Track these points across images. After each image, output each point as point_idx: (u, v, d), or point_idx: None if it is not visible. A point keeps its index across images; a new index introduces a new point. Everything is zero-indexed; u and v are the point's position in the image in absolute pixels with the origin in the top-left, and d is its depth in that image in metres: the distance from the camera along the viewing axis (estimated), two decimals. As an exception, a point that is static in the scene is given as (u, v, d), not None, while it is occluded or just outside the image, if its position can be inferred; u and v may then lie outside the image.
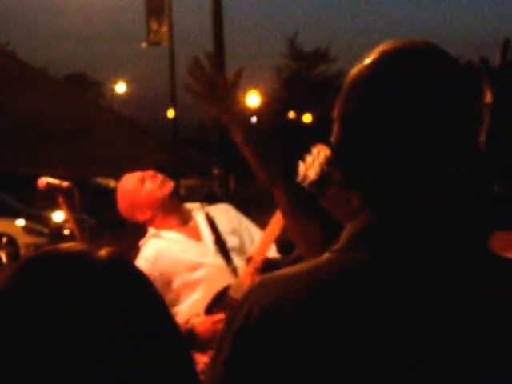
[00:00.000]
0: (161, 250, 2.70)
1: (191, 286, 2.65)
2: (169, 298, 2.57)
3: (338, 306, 0.89)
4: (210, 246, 2.73)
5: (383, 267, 0.90)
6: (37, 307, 0.75)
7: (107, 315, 0.76)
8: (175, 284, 2.65)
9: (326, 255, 0.95)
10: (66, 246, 0.82)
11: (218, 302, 2.55)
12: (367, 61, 0.97)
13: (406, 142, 0.92)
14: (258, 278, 0.98)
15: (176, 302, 2.63)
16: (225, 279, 2.62)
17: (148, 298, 0.81)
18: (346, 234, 0.96)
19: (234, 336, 0.93)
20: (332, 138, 0.99)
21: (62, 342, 0.74)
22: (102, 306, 0.76)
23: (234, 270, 2.68)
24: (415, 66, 0.94)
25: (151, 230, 2.79)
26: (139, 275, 0.83)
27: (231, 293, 2.56)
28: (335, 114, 0.99)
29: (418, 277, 0.90)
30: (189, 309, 2.61)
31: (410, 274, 0.90)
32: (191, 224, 2.80)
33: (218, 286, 2.58)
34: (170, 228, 2.76)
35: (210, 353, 2.35)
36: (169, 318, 0.83)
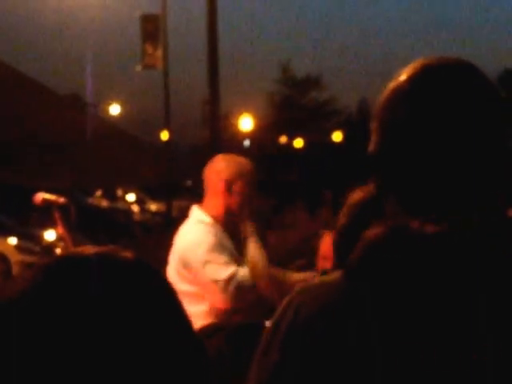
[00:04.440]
0: (221, 243, 2.73)
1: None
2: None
3: (378, 310, 0.92)
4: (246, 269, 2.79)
5: (424, 269, 0.92)
6: (62, 306, 0.75)
7: (131, 313, 0.76)
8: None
9: None
10: (90, 247, 0.82)
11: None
12: (407, 74, 1.01)
13: (444, 150, 0.96)
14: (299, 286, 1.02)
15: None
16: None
17: (171, 301, 0.82)
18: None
19: (283, 337, 0.95)
20: (370, 147, 1.03)
21: (83, 341, 0.74)
22: (127, 306, 0.77)
23: None
24: (455, 79, 0.99)
25: (204, 215, 2.79)
26: (162, 277, 0.83)
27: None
28: (373, 124, 1.03)
29: (460, 282, 0.92)
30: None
31: (452, 278, 0.92)
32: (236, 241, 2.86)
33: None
34: (221, 223, 2.79)
35: None
36: (187, 323, 0.83)
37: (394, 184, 0.99)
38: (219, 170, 2.79)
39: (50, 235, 11.82)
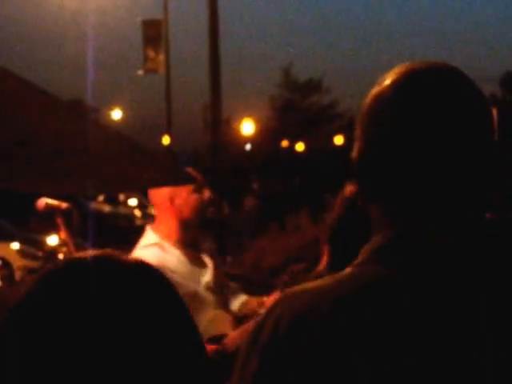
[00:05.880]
0: (164, 266, 2.63)
1: None
2: None
3: (362, 319, 0.90)
4: (209, 278, 2.75)
5: (406, 281, 0.91)
6: (63, 310, 0.75)
7: (134, 316, 0.77)
8: None
9: (349, 269, 0.97)
10: (91, 252, 0.84)
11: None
12: (390, 80, 0.99)
13: (427, 158, 0.95)
14: (282, 293, 0.99)
15: None
16: (223, 320, 2.62)
17: (174, 302, 0.82)
18: (368, 248, 0.98)
19: (262, 348, 0.93)
20: (353, 154, 1.01)
21: (87, 343, 0.74)
22: (129, 308, 0.77)
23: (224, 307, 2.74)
24: (440, 84, 0.97)
25: (154, 237, 2.74)
26: (165, 279, 0.83)
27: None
28: (357, 131, 1.01)
29: (441, 290, 0.91)
30: None
31: (432, 287, 0.91)
32: (196, 252, 2.79)
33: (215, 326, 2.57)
34: (175, 241, 2.74)
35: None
36: (191, 323, 0.83)
37: (377, 192, 0.98)
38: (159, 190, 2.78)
39: (52, 240, 11.84)
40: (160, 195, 2.82)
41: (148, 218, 23.74)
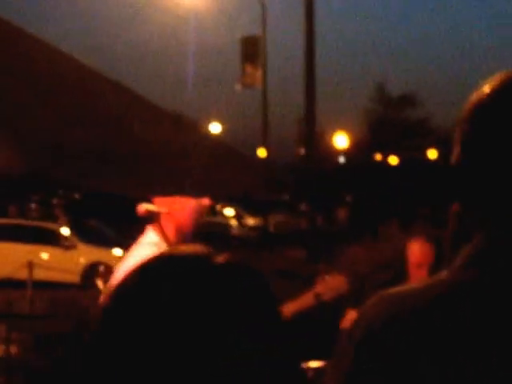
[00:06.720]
0: None
1: None
2: None
3: (458, 322, 0.90)
4: None
5: (501, 287, 0.92)
6: (159, 305, 0.75)
7: (228, 315, 0.76)
8: None
9: (445, 273, 0.98)
10: (187, 247, 0.83)
11: None
12: (489, 87, 1.00)
13: None
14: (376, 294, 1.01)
15: None
16: None
17: (269, 302, 0.82)
18: (465, 253, 0.98)
19: (356, 349, 0.94)
20: (453, 159, 1.03)
21: (182, 341, 0.74)
22: (222, 307, 0.76)
23: None
24: None
25: (154, 238, 2.83)
26: (260, 277, 0.83)
27: None
28: (455, 137, 1.03)
29: None
30: None
31: None
32: None
33: None
34: (171, 244, 2.82)
35: None
36: (282, 322, 0.83)
37: (474, 195, 1.00)
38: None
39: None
40: (159, 197, 2.90)
41: (244, 227, 24.25)
